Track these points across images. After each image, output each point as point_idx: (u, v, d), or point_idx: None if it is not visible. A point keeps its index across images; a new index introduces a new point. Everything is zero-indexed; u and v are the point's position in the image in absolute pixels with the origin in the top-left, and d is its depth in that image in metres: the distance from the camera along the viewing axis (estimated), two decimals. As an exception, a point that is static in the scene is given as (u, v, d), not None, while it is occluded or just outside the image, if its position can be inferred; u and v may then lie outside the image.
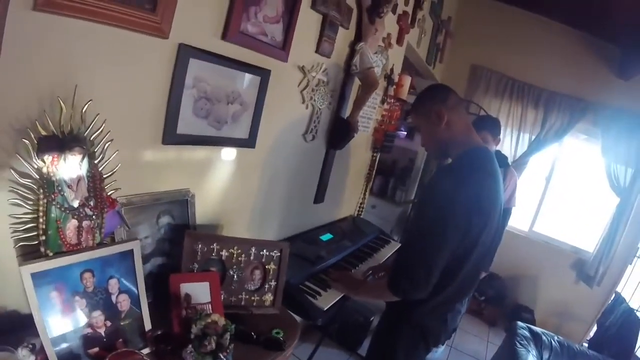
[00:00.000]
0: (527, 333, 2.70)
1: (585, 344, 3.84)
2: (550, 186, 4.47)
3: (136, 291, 1.16)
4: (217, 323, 1.12)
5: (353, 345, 3.05)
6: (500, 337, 3.00)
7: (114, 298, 1.12)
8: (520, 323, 2.81)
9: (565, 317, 4.29)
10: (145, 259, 1.35)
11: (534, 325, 3.14)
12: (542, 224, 4.53)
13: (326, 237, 2.32)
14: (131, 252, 1.13)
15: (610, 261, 4.04)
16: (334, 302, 1.74)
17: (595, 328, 3.82)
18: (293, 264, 1.76)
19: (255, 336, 1.31)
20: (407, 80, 2.78)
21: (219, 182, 1.63)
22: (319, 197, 2.38)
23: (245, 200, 1.82)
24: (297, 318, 1.62)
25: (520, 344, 2.56)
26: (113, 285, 1.11)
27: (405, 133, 4.28)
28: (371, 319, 3.03)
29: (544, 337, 2.75)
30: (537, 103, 4.21)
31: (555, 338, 2.79)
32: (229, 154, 1.62)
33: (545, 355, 2.70)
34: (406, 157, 4.48)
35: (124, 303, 1.13)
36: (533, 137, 4.24)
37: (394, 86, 2.83)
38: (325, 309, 1.67)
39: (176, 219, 1.44)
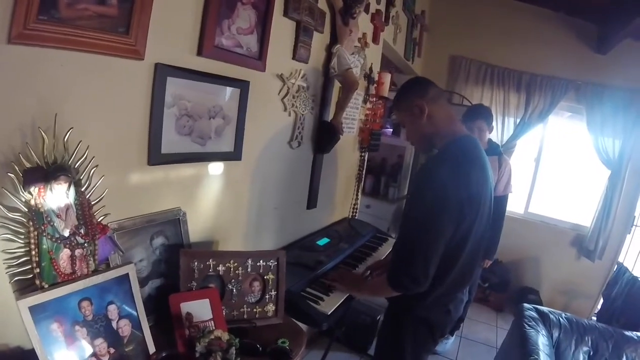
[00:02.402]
0: (534, 314, 2.70)
1: (594, 318, 3.86)
2: (541, 167, 4.50)
3: (136, 315, 1.16)
4: (221, 339, 1.11)
5: (362, 346, 3.04)
6: (509, 322, 2.99)
7: (114, 324, 1.11)
8: (526, 305, 2.81)
9: (571, 294, 4.31)
10: (143, 282, 1.34)
11: (541, 305, 3.14)
12: (537, 205, 4.54)
13: (323, 241, 2.31)
14: (127, 276, 1.13)
15: (609, 233, 4.07)
16: (338, 305, 1.72)
17: (601, 301, 3.83)
18: (293, 272, 1.77)
19: (261, 348, 1.30)
20: (387, 78, 2.80)
21: (209, 198, 1.63)
22: (311, 203, 2.38)
23: (238, 213, 1.82)
24: (303, 325, 1.62)
25: (529, 325, 2.55)
26: (112, 311, 1.10)
27: (392, 130, 4.29)
28: (378, 319, 3.01)
29: (551, 316, 2.75)
30: (519, 86, 4.24)
31: (563, 315, 2.79)
32: (216, 168, 1.62)
33: (555, 333, 2.69)
34: (395, 153, 4.48)
35: (125, 328, 1.13)
36: (518, 121, 4.27)
37: (375, 85, 2.85)
38: (329, 313, 1.66)
39: (170, 239, 1.44)
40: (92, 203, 1.12)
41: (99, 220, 1.14)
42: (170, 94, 1.32)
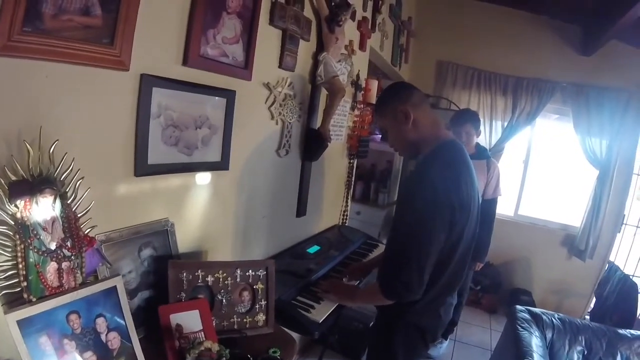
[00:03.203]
0: (527, 315, 2.71)
1: (587, 317, 3.88)
2: (529, 169, 4.54)
3: (125, 327, 1.15)
4: (211, 350, 1.11)
5: (355, 353, 3.01)
6: (502, 324, 3.01)
7: (103, 337, 1.10)
8: (518, 307, 2.82)
9: (563, 294, 4.34)
10: (132, 293, 1.34)
11: (534, 306, 3.15)
12: (527, 207, 4.58)
13: (313, 249, 2.31)
14: (115, 288, 1.12)
15: (599, 232, 4.11)
16: (329, 313, 1.72)
17: (594, 300, 3.86)
18: (283, 281, 1.78)
19: (251, 358, 1.29)
20: (374, 84, 2.82)
21: (197, 208, 1.62)
22: (300, 211, 2.38)
23: (226, 223, 1.81)
24: (294, 334, 1.61)
25: (522, 327, 2.56)
26: (100, 324, 1.09)
27: (380, 136, 4.31)
28: (370, 325, 3.00)
29: (544, 317, 2.76)
30: (505, 90, 4.29)
31: (556, 316, 2.80)
32: (203, 178, 1.62)
33: (549, 334, 2.70)
34: (384, 159, 4.49)
35: (114, 341, 1.12)
36: (505, 124, 4.31)
37: (362, 91, 2.86)
38: (321, 321, 1.65)
39: (158, 250, 1.43)
40: (79, 215, 1.11)
41: (85, 232, 1.14)
42: (156, 105, 1.32)
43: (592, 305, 3.98)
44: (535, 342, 2.44)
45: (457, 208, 1.36)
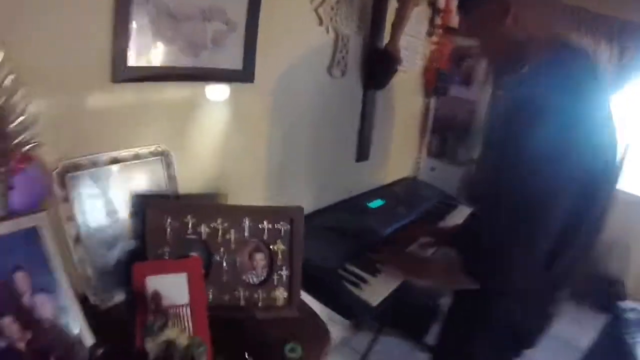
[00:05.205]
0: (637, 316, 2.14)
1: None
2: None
3: (60, 290, 0.78)
4: (175, 344, 0.69)
5: (418, 333, 2.59)
6: (588, 314, 2.45)
7: (27, 299, 0.73)
8: (624, 304, 2.25)
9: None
10: (110, 243, 1.00)
11: (625, 298, 2.55)
12: (628, 180, 3.77)
13: (376, 203, 1.90)
14: (33, 230, 0.73)
15: None
16: (389, 293, 1.29)
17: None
18: (329, 241, 1.42)
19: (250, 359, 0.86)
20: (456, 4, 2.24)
21: (209, 133, 1.22)
22: (362, 154, 1.92)
23: (256, 158, 1.41)
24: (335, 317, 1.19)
25: (629, 332, 2.01)
26: (21, 280, 0.73)
27: (461, 79, 3.74)
28: (439, 302, 2.54)
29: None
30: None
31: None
32: (217, 91, 1.19)
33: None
34: (464, 109, 3.94)
35: (43, 307, 0.75)
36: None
37: (441, 14, 2.28)
38: (375, 304, 1.22)
39: (149, 187, 1.06)
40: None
41: (23, 150, 0.77)
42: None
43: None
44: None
45: (589, 163, 0.90)
